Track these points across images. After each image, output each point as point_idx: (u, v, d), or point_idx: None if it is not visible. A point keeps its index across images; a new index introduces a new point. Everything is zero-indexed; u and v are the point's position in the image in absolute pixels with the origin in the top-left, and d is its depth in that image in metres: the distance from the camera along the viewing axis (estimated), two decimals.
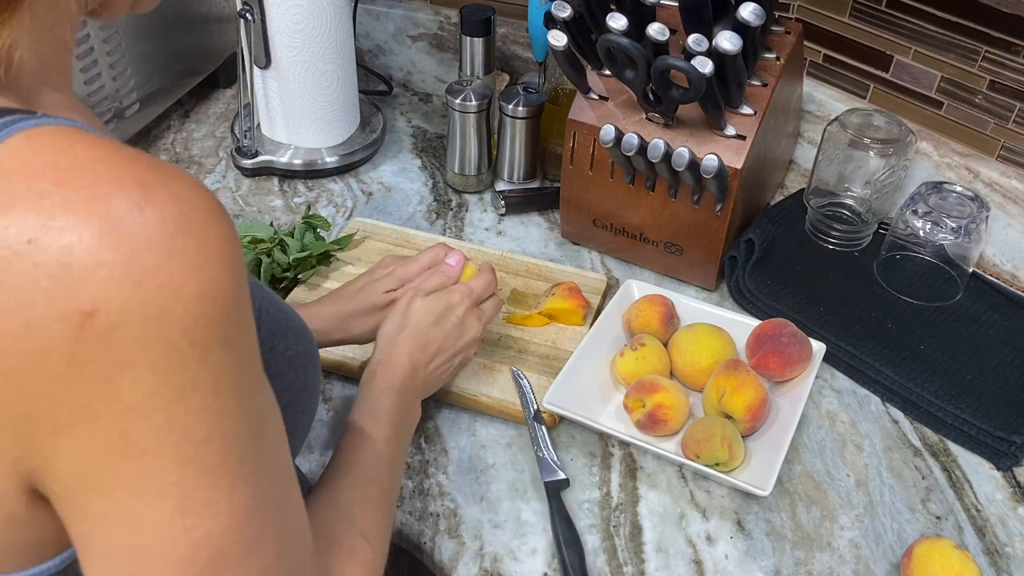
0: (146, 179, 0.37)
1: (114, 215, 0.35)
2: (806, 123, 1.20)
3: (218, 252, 0.38)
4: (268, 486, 0.43)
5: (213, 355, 0.38)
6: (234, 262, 0.39)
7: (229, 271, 0.38)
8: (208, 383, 0.38)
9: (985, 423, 0.85)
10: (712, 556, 0.76)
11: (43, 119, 0.39)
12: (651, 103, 0.92)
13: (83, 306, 0.35)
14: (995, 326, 0.97)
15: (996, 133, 1.04)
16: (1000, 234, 1.04)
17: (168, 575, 0.40)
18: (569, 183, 1.04)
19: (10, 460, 0.39)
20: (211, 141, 1.28)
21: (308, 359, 0.59)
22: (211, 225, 0.38)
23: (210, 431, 0.39)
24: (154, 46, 1.17)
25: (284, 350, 0.55)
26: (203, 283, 0.37)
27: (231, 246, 0.39)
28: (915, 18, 1.06)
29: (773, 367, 0.87)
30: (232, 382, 0.39)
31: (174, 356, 0.37)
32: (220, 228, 0.39)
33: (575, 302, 0.95)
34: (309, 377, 0.60)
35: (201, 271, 0.37)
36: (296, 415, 0.58)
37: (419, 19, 1.40)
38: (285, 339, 0.55)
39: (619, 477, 0.83)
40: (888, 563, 0.76)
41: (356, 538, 0.59)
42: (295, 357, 0.57)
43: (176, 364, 0.37)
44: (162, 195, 0.37)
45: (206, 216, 0.38)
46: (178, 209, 0.37)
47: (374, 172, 1.23)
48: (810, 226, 1.08)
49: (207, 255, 0.37)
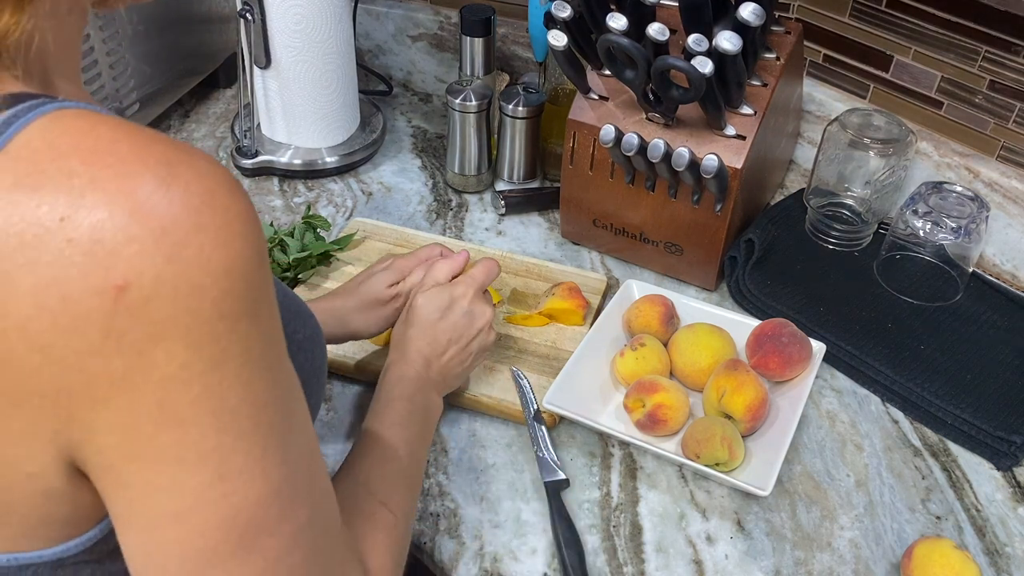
0: (170, 157, 0.38)
1: (142, 192, 0.36)
2: (806, 123, 1.20)
3: (240, 227, 0.39)
4: (296, 453, 0.44)
5: (241, 326, 0.39)
6: (257, 237, 0.40)
7: (252, 245, 0.39)
8: (238, 353, 0.39)
9: (985, 423, 0.85)
10: (712, 556, 0.76)
11: (65, 103, 0.40)
12: (651, 103, 0.92)
13: (116, 281, 0.36)
14: (995, 326, 0.97)
15: (996, 133, 1.04)
16: (1000, 234, 1.04)
17: (210, 538, 0.41)
18: (569, 183, 1.04)
19: (49, 434, 0.39)
20: (211, 141, 1.28)
21: (315, 342, 0.61)
22: (233, 201, 0.39)
23: (241, 399, 0.40)
24: (154, 46, 1.17)
25: (293, 332, 0.55)
26: (229, 256, 0.38)
27: (253, 221, 0.40)
28: (915, 18, 1.06)
29: (773, 367, 0.87)
30: (260, 352, 0.41)
31: (204, 328, 0.38)
32: (241, 204, 0.40)
33: (575, 302, 0.95)
34: (317, 360, 0.62)
35: (227, 245, 0.38)
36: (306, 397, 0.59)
37: (419, 19, 1.40)
38: (293, 323, 0.56)
39: (619, 477, 0.83)
40: (888, 563, 0.76)
41: (375, 505, 0.61)
42: (304, 340, 0.58)
43: (207, 335, 0.38)
44: (186, 172, 0.38)
45: (228, 192, 0.39)
46: (202, 185, 0.38)
47: (374, 172, 1.23)
48: (810, 226, 1.08)
49: (231, 230, 0.38)
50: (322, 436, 0.85)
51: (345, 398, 0.90)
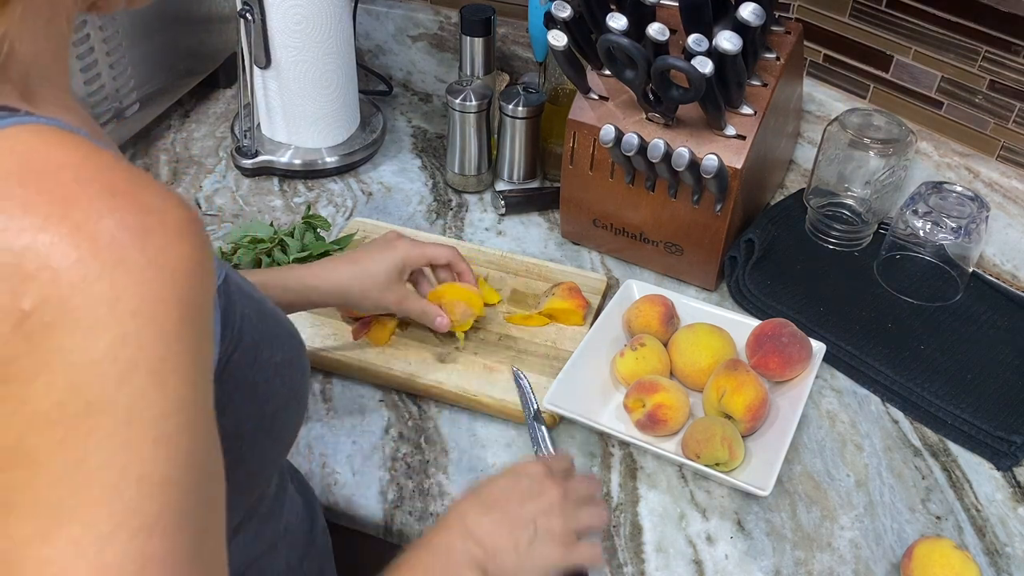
0: (115, 188, 0.36)
1: (70, 222, 0.35)
2: (806, 123, 1.20)
3: (170, 273, 0.36)
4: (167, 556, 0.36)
5: (136, 379, 0.35)
6: (190, 287, 0.37)
7: (177, 294, 0.36)
8: (123, 408, 0.35)
9: (985, 423, 0.85)
10: (712, 556, 0.76)
11: (25, 118, 0.39)
12: (651, 103, 0.92)
13: (23, 306, 0.34)
14: (995, 326, 0.97)
15: (996, 133, 1.04)
16: (1000, 234, 1.04)
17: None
18: (569, 183, 1.04)
19: None
20: (211, 141, 1.28)
21: (294, 365, 0.57)
22: (172, 243, 0.36)
23: (108, 462, 0.35)
24: (154, 46, 1.17)
25: (269, 358, 0.54)
26: (143, 299, 0.35)
27: (190, 268, 0.37)
28: (915, 18, 1.06)
29: (773, 367, 0.87)
30: (153, 417, 0.36)
31: (92, 369, 0.35)
32: (183, 248, 0.37)
33: (575, 302, 0.95)
34: (296, 383, 0.58)
35: (145, 286, 0.35)
36: (283, 422, 0.57)
37: (419, 19, 1.40)
38: (270, 347, 0.54)
39: (619, 477, 0.83)
40: (888, 563, 0.76)
41: None
42: (281, 364, 0.55)
43: (91, 378, 0.35)
44: (128, 205, 0.36)
45: (170, 233, 0.37)
46: (139, 221, 0.36)
47: (374, 172, 1.23)
48: (810, 226, 1.08)
49: (155, 273, 0.36)
50: (322, 436, 0.85)
51: (345, 398, 0.90)
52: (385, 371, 0.89)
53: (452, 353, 0.92)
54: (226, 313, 0.49)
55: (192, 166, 1.22)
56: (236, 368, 0.50)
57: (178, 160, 1.23)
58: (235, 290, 0.51)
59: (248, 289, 0.54)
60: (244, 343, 0.50)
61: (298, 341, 0.60)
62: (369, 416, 0.88)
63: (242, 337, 0.50)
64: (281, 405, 0.56)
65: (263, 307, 0.56)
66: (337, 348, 0.92)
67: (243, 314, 0.51)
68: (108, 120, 1.11)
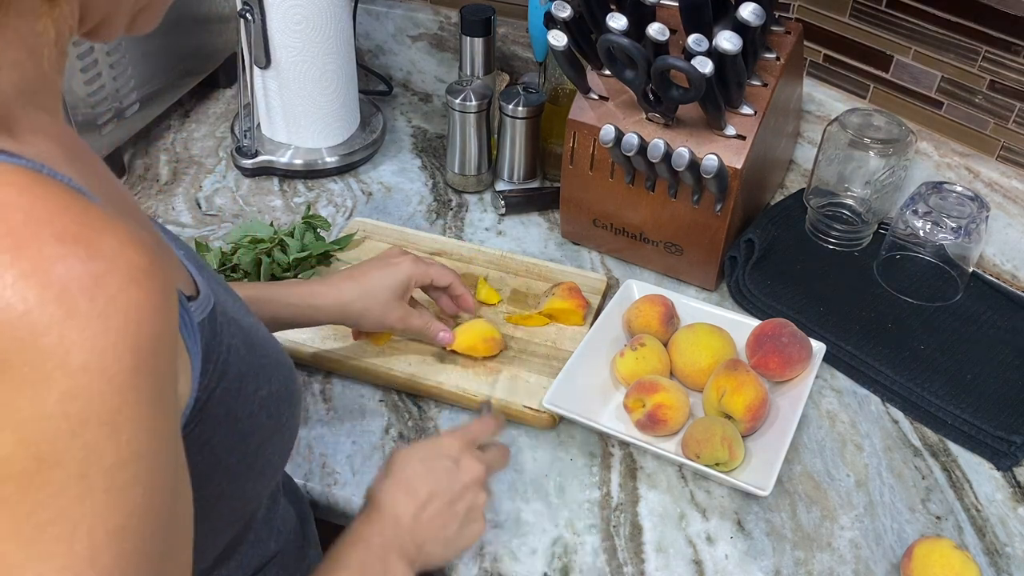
0: (68, 233, 0.35)
1: (18, 269, 0.33)
2: (806, 123, 1.20)
3: (122, 322, 0.35)
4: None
5: (88, 433, 0.34)
6: (140, 333, 0.35)
7: (129, 343, 0.35)
8: (75, 461, 0.34)
9: (985, 423, 0.85)
10: (712, 556, 0.76)
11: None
12: (651, 103, 0.92)
13: None
14: (995, 326, 0.97)
15: (996, 133, 1.04)
16: (1000, 234, 1.04)
17: None
18: (569, 183, 1.04)
19: None
20: (211, 141, 1.28)
21: (283, 398, 0.56)
22: (124, 290, 0.35)
23: (59, 516, 0.34)
24: (154, 46, 1.17)
25: (255, 391, 0.52)
26: (93, 352, 0.34)
27: (144, 316, 0.36)
28: (915, 18, 1.06)
29: (773, 367, 0.87)
30: (108, 466, 0.35)
31: (42, 424, 0.33)
32: (136, 295, 0.35)
33: (575, 302, 0.95)
34: (283, 416, 0.56)
35: (94, 339, 0.34)
36: (267, 457, 0.56)
37: (419, 19, 1.40)
38: (256, 380, 0.52)
39: (619, 477, 0.83)
40: (888, 563, 0.76)
41: None
42: (267, 397, 0.54)
43: (41, 433, 0.33)
44: (79, 251, 0.34)
45: (122, 279, 0.35)
46: (90, 268, 0.34)
47: (374, 172, 1.23)
48: (810, 226, 1.08)
49: (106, 323, 0.34)
50: (322, 436, 0.85)
51: (345, 398, 0.90)
52: (385, 371, 0.89)
53: (452, 354, 0.92)
54: (209, 348, 0.47)
55: (192, 166, 1.22)
56: (219, 402, 0.48)
57: (178, 160, 1.23)
58: (223, 321, 0.50)
59: (239, 316, 0.53)
60: (229, 376, 0.49)
61: (287, 370, 0.58)
62: (369, 416, 0.88)
63: (227, 371, 0.49)
64: (266, 439, 0.54)
65: (253, 336, 0.54)
66: (337, 348, 0.92)
67: (230, 346, 0.50)
68: (108, 120, 1.11)
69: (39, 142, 0.42)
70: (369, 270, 0.85)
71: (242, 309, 0.56)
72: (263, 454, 0.55)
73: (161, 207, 1.15)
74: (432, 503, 0.67)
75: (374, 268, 0.86)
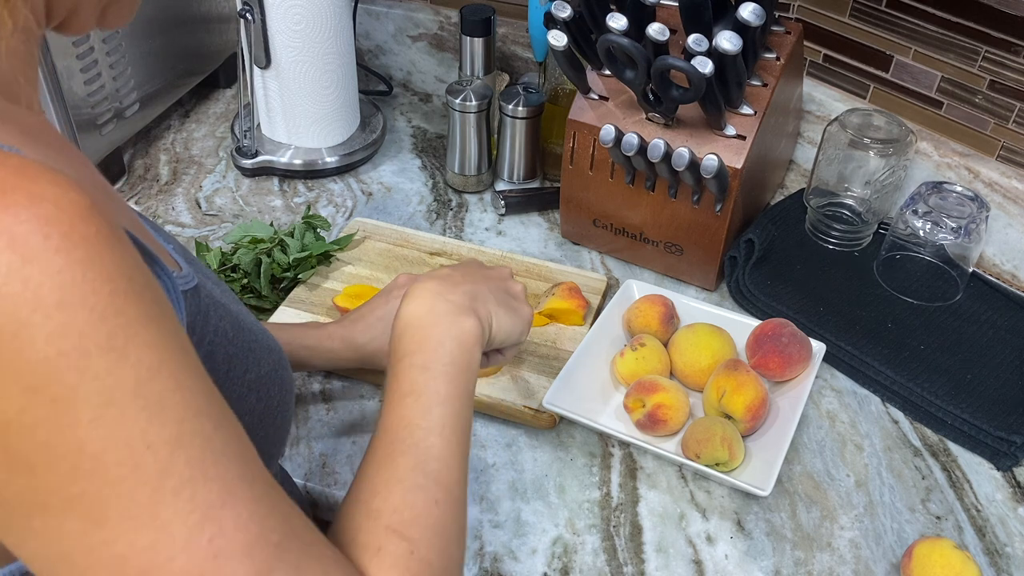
0: (5, 184, 0.35)
1: None
2: (806, 123, 1.20)
3: (83, 253, 0.35)
4: (214, 492, 0.38)
5: (96, 363, 0.35)
6: (107, 261, 0.36)
7: (100, 272, 0.35)
8: (94, 392, 0.35)
9: (985, 423, 0.85)
10: (712, 556, 0.76)
11: None
12: (651, 103, 0.92)
13: None
14: (995, 326, 0.97)
15: (996, 133, 1.04)
16: (1000, 234, 1.04)
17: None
18: (569, 183, 1.04)
19: None
20: (211, 141, 1.28)
21: (273, 381, 0.56)
22: (76, 225, 0.35)
23: (106, 443, 0.36)
24: (154, 46, 1.17)
25: (243, 373, 0.52)
26: (64, 288, 0.34)
27: (103, 245, 0.36)
28: (915, 18, 1.06)
29: (773, 367, 0.87)
30: (132, 387, 0.36)
31: (41, 368, 0.34)
32: (88, 228, 0.36)
33: (575, 302, 0.95)
34: (273, 399, 0.56)
35: (60, 275, 0.34)
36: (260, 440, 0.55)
37: (419, 19, 1.40)
38: (244, 362, 0.52)
39: (619, 477, 0.83)
40: (888, 563, 0.76)
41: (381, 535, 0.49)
42: (255, 380, 0.53)
43: (45, 376, 0.34)
44: (20, 198, 0.35)
45: (71, 217, 0.35)
46: (36, 211, 0.34)
47: (374, 172, 1.23)
48: (810, 226, 1.08)
49: (68, 257, 0.35)
50: (322, 436, 0.85)
51: (345, 398, 0.89)
52: None
53: None
54: (194, 322, 0.47)
55: (192, 166, 1.22)
56: None
57: (178, 160, 1.23)
58: (209, 303, 0.50)
59: (227, 302, 0.53)
60: (217, 358, 0.49)
61: (277, 355, 0.58)
62: (369, 416, 0.88)
63: (214, 352, 0.49)
64: (256, 423, 0.54)
65: (241, 321, 0.54)
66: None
67: (217, 327, 0.50)
68: (108, 120, 1.11)
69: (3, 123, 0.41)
70: (375, 308, 0.83)
71: (230, 297, 0.56)
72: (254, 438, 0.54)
73: (161, 207, 1.15)
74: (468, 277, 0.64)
75: (379, 306, 0.83)
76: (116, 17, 0.49)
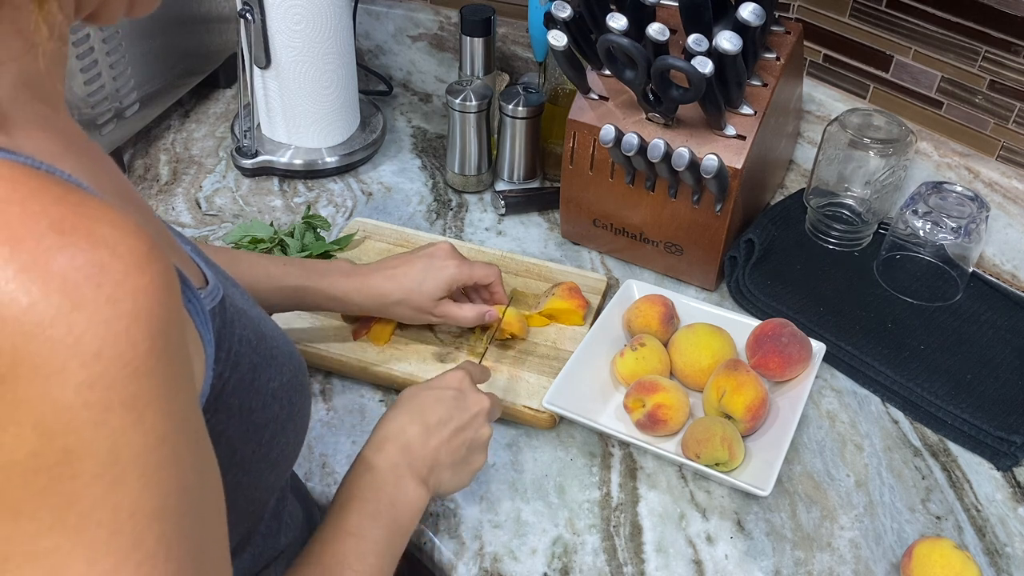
0: (65, 223, 0.34)
1: (18, 263, 0.33)
2: (806, 123, 1.20)
3: (131, 307, 0.35)
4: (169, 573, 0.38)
5: (112, 419, 0.35)
6: (150, 318, 0.35)
7: (143, 328, 0.35)
8: (104, 449, 0.35)
9: (985, 423, 0.85)
10: (712, 556, 0.76)
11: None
12: (651, 103, 0.92)
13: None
14: (995, 326, 0.97)
15: (996, 133, 1.04)
16: (1000, 234, 1.04)
17: None
18: (569, 183, 1.04)
19: None
20: (211, 141, 1.28)
21: (294, 388, 0.57)
22: (130, 275, 0.35)
23: (97, 503, 0.35)
24: (154, 46, 1.17)
25: (267, 382, 0.53)
26: (106, 339, 0.34)
27: (152, 300, 0.36)
28: (915, 18, 1.06)
29: (773, 367, 0.87)
30: (138, 453, 0.36)
31: (63, 415, 0.33)
32: (141, 280, 0.35)
33: (575, 302, 0.95)
34: (295, 406, 0.57)
35: (105, 325, 0.34)
36: (282, 446, 0.57)
37: (419, 19, 1.40)
38: (268, 371, 0.53)
39: (619, 477, 0.83)
40: (888, 563, 0.76)
41: None
42: (279, 388, 0.54)
43: (64, 425, 0.34)
44: (79, 241, 0.34)
45: (126, 265, 0.35)
46: (92, 257, 0.34)
47: (374, 172, 1.23)
48: (810, 226, 1.08)
49: (115, 309, 0.34)
50: (322, 436, 0.85)
51: (345, 398, 0.90)
52: (385, 371, 0.89)
53: (452, 353, 0.92)
54: (220, 336, 0.47)
55: (192, 166, 1.22)
56: (232, 393, 0.49)
57: (178, 160, 1.23)
58: (233, 312, 0.50)
59: (247, 308, 0.53)
60: (242, 367, 0.49)
61: (297, 361, 0.59)
62: (369, 416, 0.88)
63: (239, 361, 0.49)
64: (279, 431, 0.55)
65: (262, 327, 0.54)
66: (337, 348, 0.92)
67: (241, 337, 0.50)
68: (108, 120, 1.11)
69: (37, 136, 0.41)
70: (412, 270, 0.87)
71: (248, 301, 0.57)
72: (277, 445, 0.55)
73: (161, 207, 1.15)
74: (441, 429, 0.69)
75: (418, 268, 0.87)
76: (144, 5, 0.49)
